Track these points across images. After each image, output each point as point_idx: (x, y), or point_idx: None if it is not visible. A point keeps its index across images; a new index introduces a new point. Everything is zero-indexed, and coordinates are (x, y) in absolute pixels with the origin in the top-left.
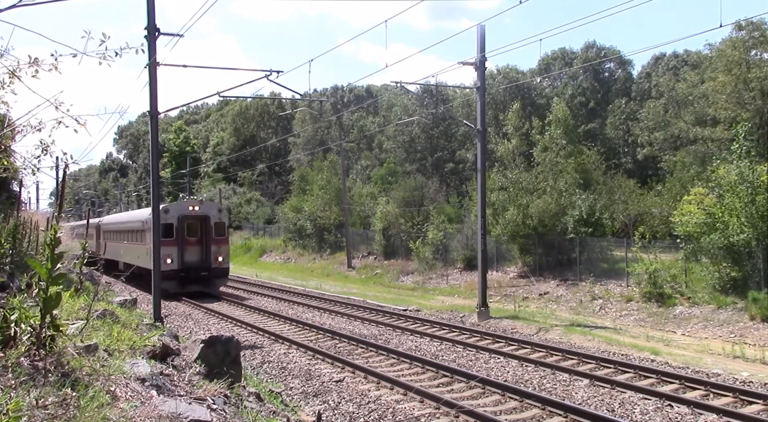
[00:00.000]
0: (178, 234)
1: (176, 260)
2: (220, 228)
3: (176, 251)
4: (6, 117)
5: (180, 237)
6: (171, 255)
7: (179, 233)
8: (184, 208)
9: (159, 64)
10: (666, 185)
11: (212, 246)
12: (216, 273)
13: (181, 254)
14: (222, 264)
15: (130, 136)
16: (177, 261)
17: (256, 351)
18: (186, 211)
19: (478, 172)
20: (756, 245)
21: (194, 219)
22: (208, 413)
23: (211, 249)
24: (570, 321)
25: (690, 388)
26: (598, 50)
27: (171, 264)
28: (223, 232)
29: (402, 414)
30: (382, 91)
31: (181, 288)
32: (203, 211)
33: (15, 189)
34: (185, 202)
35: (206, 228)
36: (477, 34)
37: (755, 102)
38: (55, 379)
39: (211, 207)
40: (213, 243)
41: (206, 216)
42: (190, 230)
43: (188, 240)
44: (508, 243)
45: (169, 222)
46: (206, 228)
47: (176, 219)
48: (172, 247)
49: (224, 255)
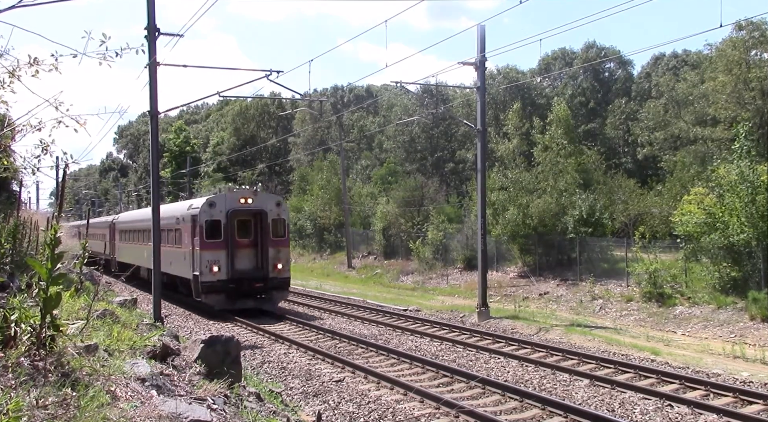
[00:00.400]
0: (227, 235)
1: (225, 268)
2: (279, 226)
3: (225, 256)
4: (6, 117)
5: (229, 238)
6: (218, 261)
7: (228, 233)
8: (235, 201)
9: (159, 64)
10: (666, 185)
11: (270, 250)
12: (274, 284)
13: (230, 260)
14: (282, 272)
15: (130, 136)
16: (226, 270)
17: (256, 351)
18: (237, 204)
19: (478, 171)
20: (756, 245)
21: (247, 214)
22: (208, 413)
23: (269, 253)
24: (570, 321)
25: (690, 388)
26: (598, 50)
27: (217, 273)
28: (283, 232)
29: (402, 414)
30: (382, 91)
31: (231, 304)
32: (259, 205)
33: (15, 189)
34: (236, 193)
35: (262, 226)
36: (477, 34)
37: (755, 102)
38: (55, 379)
39: (268, 199)
40: (271, 245)
41: (262, 211)
42: (242, 229)
43: (239, 242)
44: (508, 243)
45: (216, 218)
46: (262, 227)
47: (225, 215)
48: (220, 251)
49: (284, 262)
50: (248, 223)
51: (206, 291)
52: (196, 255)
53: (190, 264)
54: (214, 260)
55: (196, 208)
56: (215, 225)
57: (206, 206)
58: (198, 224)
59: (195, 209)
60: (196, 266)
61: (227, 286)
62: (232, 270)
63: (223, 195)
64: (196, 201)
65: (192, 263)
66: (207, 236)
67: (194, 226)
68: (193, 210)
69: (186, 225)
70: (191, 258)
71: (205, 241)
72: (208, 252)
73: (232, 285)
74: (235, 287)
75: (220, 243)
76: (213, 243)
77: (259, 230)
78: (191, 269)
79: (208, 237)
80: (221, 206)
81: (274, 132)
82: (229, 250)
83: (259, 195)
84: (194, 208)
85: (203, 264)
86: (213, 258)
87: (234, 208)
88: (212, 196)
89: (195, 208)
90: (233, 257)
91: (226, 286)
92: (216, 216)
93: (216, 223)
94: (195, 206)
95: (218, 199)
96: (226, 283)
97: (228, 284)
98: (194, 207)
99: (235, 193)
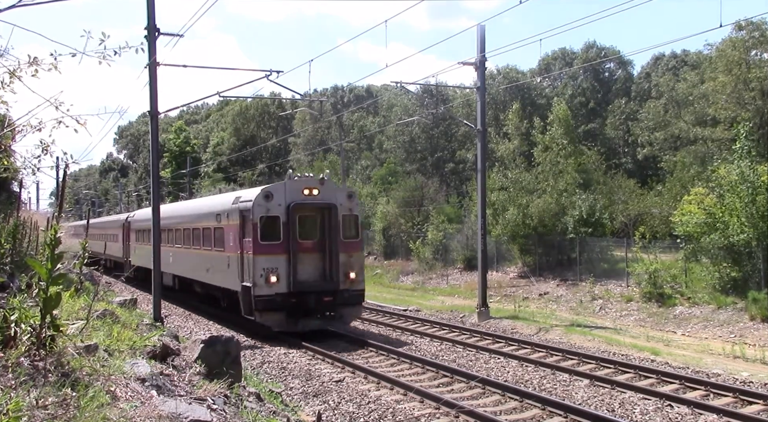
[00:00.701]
0: (288, 235)
1: (285, 277)
2: (351, 224)
3: (285, 263)
4: (6, 117)
5: (290, 239)
6: (276, 269)
7: (289, 233)
8: (297, 192)
9: (159, 64)
10: (666, 185)
11: (340, 255)
12: (346, 298)
13: (292, 268)
14: (355, 283)
15: (130, 136)
16: (286, 280)
17: (256, 351)
18: (300, 195)
19: (479, 172)
20: (756, 245)
21: (312, 209)
22: (208, 413)
23: (339, 259)
24: (570, 322)
25: (690, 388)
26: (598, 50)
27: (276, 285)
28: (356, 232)
29: (402, 414)
30: (382, 91)
31: (293, 325)
32: (327, 197)
33: (15, 189)
34: (298, 182)
35: (330, 224)
36: (477, 34)
37: (755, 102)
38: (55, 379)
39: (336, 191)
40: (342, 248)
41: (331, 205)
42: (305, 228)
43: (302, 244)
44: (508, 244)
45: (273, 214)
46: (330, 225)
47: (285, 210)
48: (278, 257)
49: (358, 270)
50: (313, 221)
51: (261, 308)
52: (247, 262)
53: (238, 273)
54: (272, 268)
55: (248, 201)
56: (273, 223)
57: (261, 198)
58: (250, 221)
59: (246, 202)
60: (246, 275)
61: (288, 302)
62: (295, 280)
63: (282, 184)
64: (245, 192)
65: (240, 271)
66: (262, 237)
67: (243, 224)
68: (243, 203)
69: (231, 224)
70: (239, 266)
71: (260, 243)
72: (263, 258)
73: (294, 300)
74: (298, 302)
75: (278, 246)
76: (270, 246)
77: (327, 229)
78: (239, 279)
79: (263, 238)
80: (280, 198)
81: (274, 132)
82: (291, 255)
83: (327, 184)
84: (244, 200)
85: (257, 273)
86: (270, 265)
87: (296, 200)
88: (267, 186)
89: (245, 200)
90: (295, 264)
91: (286, 302)
92: (274, 212)
93: (273, 221)
94: (245, 198)
95: (276, 189)
96: (287, 298)
97: (289, 299)
98: (244, 199)
99: (298, 182)
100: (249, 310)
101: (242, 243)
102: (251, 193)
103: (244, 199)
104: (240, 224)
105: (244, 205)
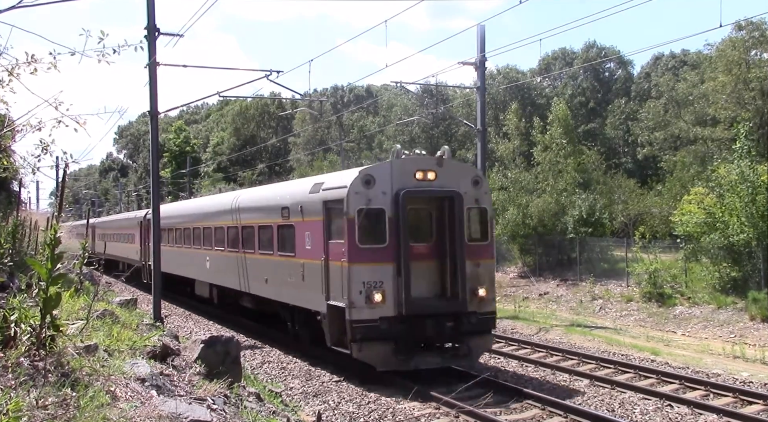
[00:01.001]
0: (396, 235)
1: (392, 295)
2: (478, 222)
3: (392, 274)
4: (6, 117)
5: (400, 241)
6: (380, 283)
7: (398, 232)
8: (408, 175)
9: (159, 64)
10: (666, 185)
11: (466, 263)
12: (474, 324)
13: (403, 281)
14: (484, 303)
15: (130, 136)
16: (395, 298)
17: (256, 351)
18: (411, 181)
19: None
20: (756, 245)
21: (425, 201)
22: (208, 413)
23: (465, 269)
24: (570, 322)
25: (690, 388)
26: (598, 50)
27: (381, 306)
28: (486, 232)
29: (402, 414)
30: (382, 91)
31: (404, 362)
32: (446, 183)
33: (15, 189)
34: (408, 161)
35: (452, 221)
36: (477, 34)
37: (755, 102)
38: (55, 379)
39: (459, 175)
40: (469, 254)
41: (453, 194)
42: (417, 225)
43: (414, 248)
44: (508, 244)
45: (376, 206)
46: (451, 222)
47: (391, 200)
48: (384, 266)
49: (489, 284)
50: (426, 216)
51: (360, 338)
52: (337, 273)
53: (320, 287)
54: (375, 282)
55: (338, 188)
56: (376, 218)
57: (360, 183)
58: (343, 216)
59: (335, 190)
60: (336, 291)
61: (397, 329)
62: (407, 299)
63: (386, 164)
64: (327, 177)
65: (325, 285)
66: (362, 238)
67: (329, 220)
68: (331, 191)
69: (308, 220)
70: (323, 277)
71: (359, 248)
72: (363, 268)
73: (406, 326)
74: (411, 330)
75: (384, 252)
76: (373, 251)
77: (446, 228)
78: (323, 295)
79: (363, 240)
80: (384, 184)
81: (274, 132)
82: (401, 264)
83: (447, 166)
84: (331, 187)
85: (354, 289)
86: (373, 277)
87: (407, 187)
88: (365, 167)
89: (334, 187)
90: (407, 276)
91: (395, 329)
92: (377, 203)
93: (377, 216)
94: (332, 184)
95: (378, 171)
96: (396, 324)
97: (399, 325)
98: (331, 186)
99: (408, 162)
100: (339, 339)
101: (327, 246)
102: (341, 178)
103: (331, 184)
104: (325, 220)
105: (332, 193)
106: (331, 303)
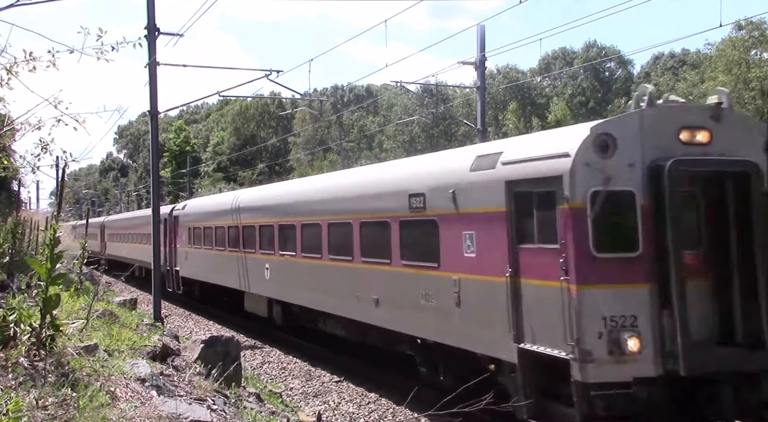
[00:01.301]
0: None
1: (652, 339)
2: None
3: (650, 302)
4: (6, 116)
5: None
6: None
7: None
8: (666, 135)
9: (159, 64)
10: None
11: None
12: None
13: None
14: None
15: (130, 136)
16: (657, 345)
17: (256, 351)
18: (674, 144)
19: None
20: None
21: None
22: (208, 413)
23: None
24: None
25: None
26: (598, 50)
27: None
28: None
29: (402, 414)
30: (382, 90)
31: None
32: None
33: (15, 188)
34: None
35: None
36: (477, 33)
37: (755, 101)
38: (55, 379)
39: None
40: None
41: (749, 166)
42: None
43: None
44: None
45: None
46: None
47: (643, 175)
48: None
49: None
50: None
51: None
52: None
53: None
54: (624, 316)
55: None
56: (619, 209)
57: (592, 148)
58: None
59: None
60: (542, 329)
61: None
62: (684, 347)
63: (633, 117)
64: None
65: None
66: (599, 242)
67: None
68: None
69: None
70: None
71: (595, 258)
72: (604, 293)
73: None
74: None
75: (636, 266)
76: (616, 263)
77: (731, 224)
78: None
79: (600, 245)
80: (629, 150)
81: (274, 132)
82: (669, 286)
83: (729, 119)
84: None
85: (589, 330)
86: (619, 309)
87: (669, 154)
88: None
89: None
90: (683, 307)
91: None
92: (620, 182)
93: (620, 204)
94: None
95: (618, 128)
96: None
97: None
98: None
99: (666, 113)
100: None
101: (517, 254)
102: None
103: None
104: (510, 212)
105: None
106: (526, 348)
